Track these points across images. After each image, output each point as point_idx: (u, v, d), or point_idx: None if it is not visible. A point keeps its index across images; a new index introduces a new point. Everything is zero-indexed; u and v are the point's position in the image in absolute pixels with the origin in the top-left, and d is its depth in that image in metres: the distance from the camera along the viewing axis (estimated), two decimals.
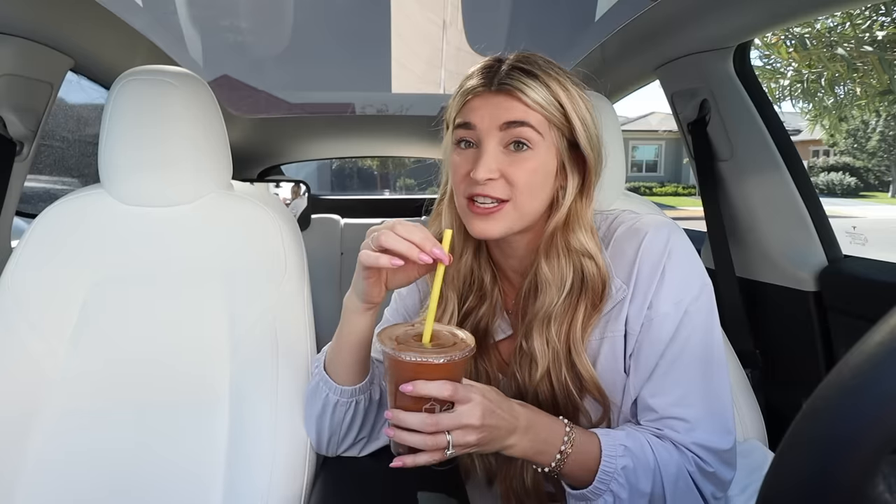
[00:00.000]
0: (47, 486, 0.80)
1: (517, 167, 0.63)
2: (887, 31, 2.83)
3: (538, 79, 0.63)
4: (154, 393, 0.84)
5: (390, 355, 0.56)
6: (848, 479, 0.24)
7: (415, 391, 0.54)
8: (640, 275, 0.65)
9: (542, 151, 0.64)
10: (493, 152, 0.63)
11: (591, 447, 0.62)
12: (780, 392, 1.24)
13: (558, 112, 0.63)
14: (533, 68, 0.63)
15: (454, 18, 1.88)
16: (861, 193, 16.87)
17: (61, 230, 0.91)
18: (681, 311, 0.64)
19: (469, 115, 0.65)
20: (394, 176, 16.72)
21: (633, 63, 1.46)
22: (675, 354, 0.64)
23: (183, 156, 0.91)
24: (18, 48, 1.06)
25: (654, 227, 0.67)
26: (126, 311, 0.88)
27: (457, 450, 0.55)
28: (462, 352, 0.55)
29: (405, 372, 0.55)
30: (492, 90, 0.63)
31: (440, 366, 0.54)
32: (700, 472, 0.63)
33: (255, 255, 0.91)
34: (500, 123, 0.63)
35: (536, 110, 0.63)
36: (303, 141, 2.57)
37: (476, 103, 0.64)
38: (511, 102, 0.63)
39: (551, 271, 0.67)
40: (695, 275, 0.66)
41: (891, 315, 0.25)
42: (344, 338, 0.70)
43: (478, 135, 0.64)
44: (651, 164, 20.12)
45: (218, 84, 1.94)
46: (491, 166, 0.63)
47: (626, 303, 0.66)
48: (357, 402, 0.73)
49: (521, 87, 0.62)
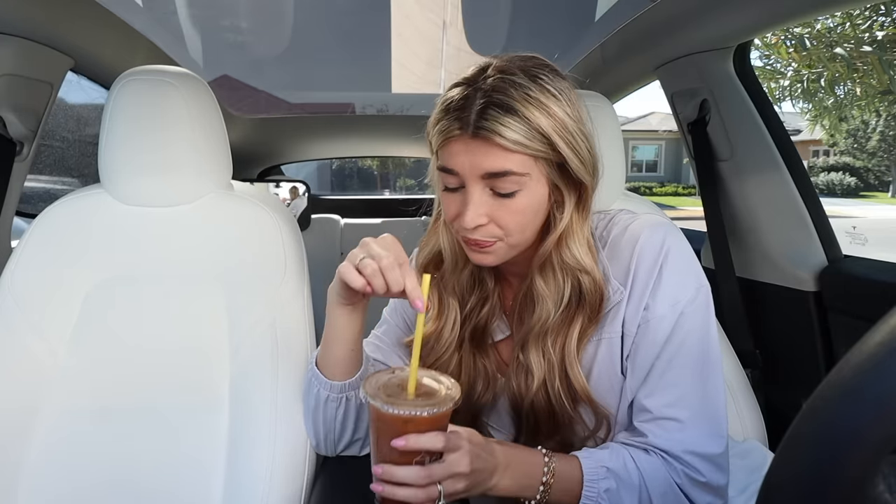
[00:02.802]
0: (48, 485, 0.80)
1: (505, 211, 0.61)
2: (887, 31, 2.83)
3: (516, 113, 0.57)
4: (154, 393, 0.84)
5: (377, 409, 0.54)
6: (848, 479, 0.25)
7: (408, 446, 0.53)
8: (637, 276, 0.64)
9: (531, 188, 0.61)
10: (479, 199, 0.61)
11: (573, 472, 0.62)
12: (780, 392, 1.24)
13: (542, 144, 0.59)
14: (508, 99, 0.57)
15: (454, 19, 1.88)
16: (861, 193, 16.87)
17: (61, 230, 0.91)
18: (677, 313, 0.63)
19: (450, 161, 0.61)
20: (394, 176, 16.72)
21: (633, 63, 1.46)
22: (671, 355, 0.64)
23: (183, 156, 0.91)
24: (18, 48, 1.06)
25: (650, 227, 0.66)
26: (126, 311, 0.88)
27: (447, 499, 0.55)
28: (449, 403, 0.55)
29: (394, 425, 0.54)
30: (468, 134, 0.59)
31: (430, 418, 0.53)
32: (691, 482, 0.62)
33: (254, 255, 0.91)
34: (481, 173, 0.60)
35: (518, 152, 0.58)
36: (303, 141, 2.57)
37: (455, 148, 0.60)
38: (489, 149, 0.58)
39: (547, 287, 0.66)
40: (691, 276, 0.65)
41: (891, 315, 0.25)
42: (330, 332, 0.69)
43: (461, 180, 0.62)
44: (651, 164, 20.12)
45: (218, 84, 1.94)
46: (479, 212, 0.61)
47: (622, 305, 0.65)
48: (348, 398, 0.72)
49: (497, 129, 0.57)
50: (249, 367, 0.84)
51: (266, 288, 0.89)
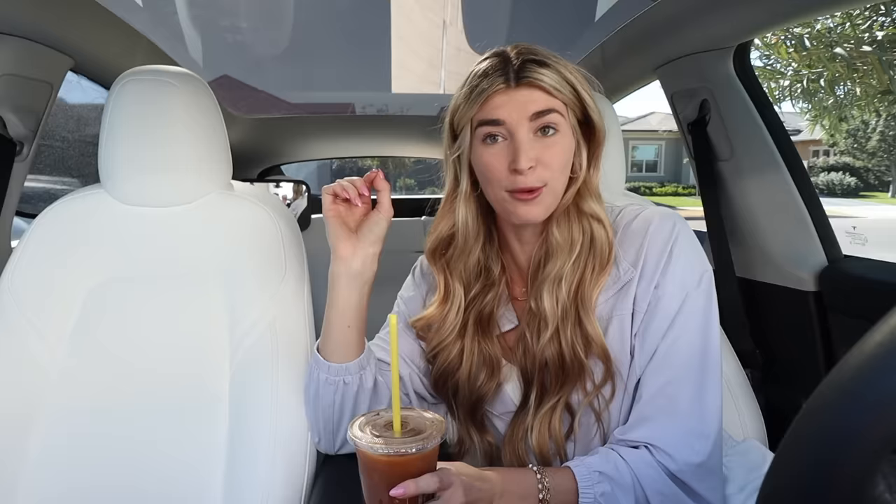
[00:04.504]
0: (48, 486, 0.80)
1: (549, 151, 0.67)
2: (887, 31, 2.83)
3: (550, 67, 0.66)
4: (154, 393, 0.84)
5: (364, 451, 0.54)
6: (848, 479, 0.24)
7: (407, 492, 0.53)
8: (648, 258, 0.69)
9: (565, 131, 0.69)
10: (527, 141, 0.66)
11: (568, 483, 0.64)
12: (780, 392, 1.24)
13: (572, 94, 0.68)
14: (542, 57, 0.67)
15: (454, 18, 1.88)
16: (861, 193, 16.87)
17: (61, 230, 0.91)
18: (684, 294, 0.68)
19: (494, 113, 0.67)
20: (394, 176, 16.73)
21: (633, 63, 1.46)
22: (676, 335, 0.67)
23: (183, 156, 0.91)
24: (18, 48, 1.06)
25: (661, 215, 0.72)
26: (126, 311, 0.88)
27: None
28: (437, 438, 0.55)
29: (385, 465, 0.53)
30: (512, 86, 0.66)
31: (419, 455, 0.53)
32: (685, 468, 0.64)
33: (255, 255, 0.91)
34: (529, 115, 0.66)
35: (557, 96, 0.67)
36: (303, 141, 2.57)
37: (498, 100, 0.67)
38: (535, 93, 0.66)
39: (561, 235, 0.71)
40: (698, 260, 0.70)
41: (891, 315, 0.25)
42: (330, 305, 0.73)
43: (507, 129, 0.67)
44: (651, 164, 20.12)
45: (218, 84, 1.94)
46: (530, 155, 0.66)
47: (633, 283, 0.69)
48: (345, 381, 0.73)
49: (540, 77, 0.66)
50: (249, 366, 0.84)
51: (266, 288, 0.89)
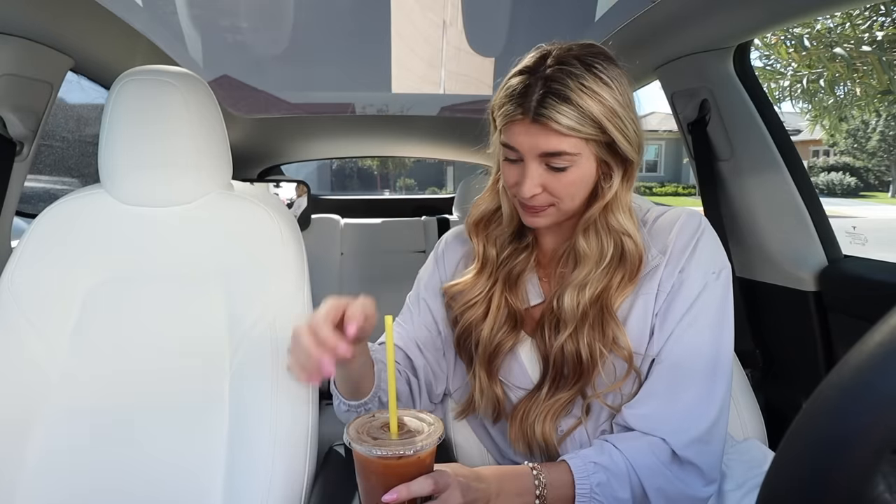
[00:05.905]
0: (48, 486, 0.80)
1: (558, 182, 0.69)
2: (887, 32, 2.83)
3: (570, 102, 0.64)
4: (154, 393, 0.84)
5: (361, 453, 0.54)
6: (848, 480, 0.24)
7: (399, 498, 0.53)
8: (675, 247, 0.73)
9: (581, 164, 0.69)
10: (535, 172, 0.69)
11: (564, 477, 0.65)
12: (780, 392, 1.24)
13: (593, 128, 0.66)
14: (564, 89, 0.64)
15: (454, 18, 1.88)
16: (861, 193, 16.85)
17: (61, 230, 0.91)
18: (704, 281, 0.71)
19: (511, 140, 0.70)
20: (394, 176, 16.73)
21: (633, 63, 1.45)
22: (692, 319, 0.70)
23: (183, 156, 0.91)
24: (18, 48, 1.06)
25: (689, 212, 0.76)
26: (126, 311, 0.88)
27: None
28: (435, 438, 0.55)
29: (382, 467, 0.53)
30: (529, 119, 0.66)
31: (416, 457, 0.53)
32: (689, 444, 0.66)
33: (254, 254, 0.91)
34: (538, 153, 0.68)
35: (571, 136, 0.66)
36: (303, 141, 2.57)
37: (516, 129, 0.68)
38: (546, 133, 0.66)
39: (589, 246, 0.73)
40: (720, 255, 0.74)
41: (891, 315, 0.25)
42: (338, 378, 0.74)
43: (520, 155, 0.70)
44: (651, 164, 20.10)
45: (218, 84, 1.93)
46: (535, 183, 0.69)
47: (661, 268, 0.73)
48: (367, 408, 0.76)
49: (554, 116, 0.64)
50: (249, 367, 0.84)
51: (266, 288, 0.89)
